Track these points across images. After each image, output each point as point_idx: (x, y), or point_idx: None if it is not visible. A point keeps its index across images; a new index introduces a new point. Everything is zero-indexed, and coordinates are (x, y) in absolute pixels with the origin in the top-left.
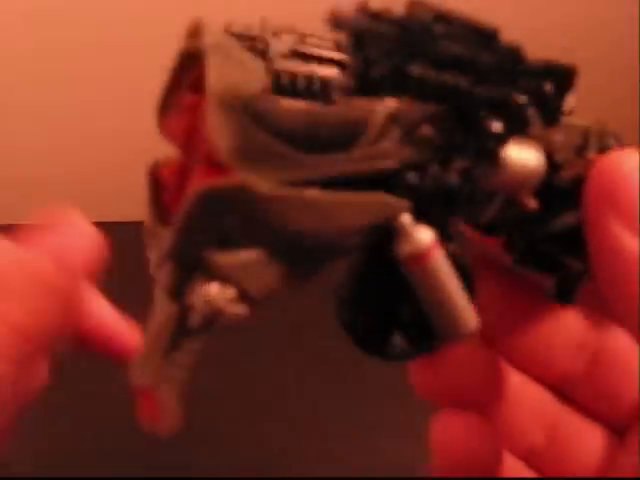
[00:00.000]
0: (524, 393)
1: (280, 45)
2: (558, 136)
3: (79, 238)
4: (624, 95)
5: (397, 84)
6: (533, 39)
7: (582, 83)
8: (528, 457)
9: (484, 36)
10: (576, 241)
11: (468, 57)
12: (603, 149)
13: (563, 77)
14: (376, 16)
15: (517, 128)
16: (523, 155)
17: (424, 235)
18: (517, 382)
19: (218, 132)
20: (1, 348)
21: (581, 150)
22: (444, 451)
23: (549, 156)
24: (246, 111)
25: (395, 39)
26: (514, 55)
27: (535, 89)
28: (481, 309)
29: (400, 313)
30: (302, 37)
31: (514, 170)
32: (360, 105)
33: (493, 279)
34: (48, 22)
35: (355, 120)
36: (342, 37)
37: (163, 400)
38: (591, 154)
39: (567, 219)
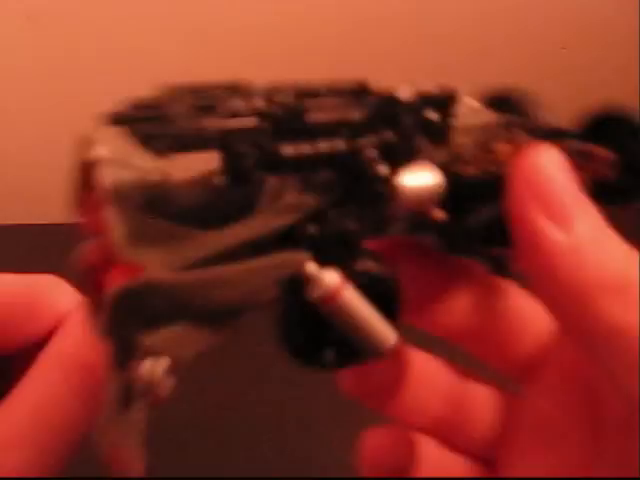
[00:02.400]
0: (426, 370)
1: (180, 106)
2: (461, 139)
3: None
4: (624, 95)
5: (272, 169)
6: (533, 39)
7: (582, 83)
8: (434, 429)
9: (353, 94)
10: (497, 231)
11: (338, 120)
12: (510, 140)
13: (443, 103)
14: (237, 114)
15: (405, 161)
16: (418, 179)
17: (329, 278)
18: (420, 360)
19: (112, 230)
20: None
21: (485, 145)
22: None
23: (459, 157)
24: (140, 205)
25: (260, 127)
26: (387, 101)
27: (419, 122)
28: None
29: (329, 333)
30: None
31: (412, 195)
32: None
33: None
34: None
35: (245, 194)
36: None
37: (127, 453)
38: (496, 146)
39: (483, 213)
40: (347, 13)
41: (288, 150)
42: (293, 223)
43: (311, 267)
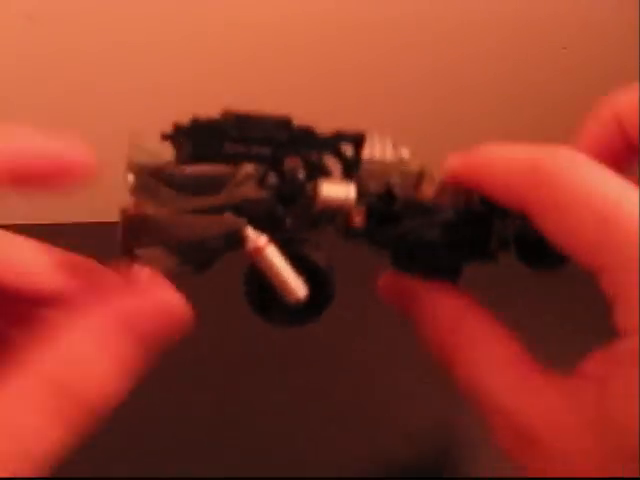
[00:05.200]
0: None
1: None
2: (395, 178)
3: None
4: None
5: (222, 159)
6: (533, 39)
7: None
8: None
9: (280, 122)
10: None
11: (267, 135)
12: (434, 185)
13: (354, 140)
14: (201, 124)
15: (320, 173)
16: (333, 190)
17: (259, 237)
18: None
19: (132, 178)
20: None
21: (417, 187)
22: None
23: (388, 192)
24: (154, 175)
25: (215, 133)
26: (306, 131)
27: (334, 150)
28: None
29: (271, 292)
30: None
31: (327, 200)
32: (228, 169)
33: None
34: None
35: (225, 174)
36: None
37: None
38: (425, 188)
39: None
40: (345, 16)
41: (230, 148)
42: (245, 200)
43: (249, 230)
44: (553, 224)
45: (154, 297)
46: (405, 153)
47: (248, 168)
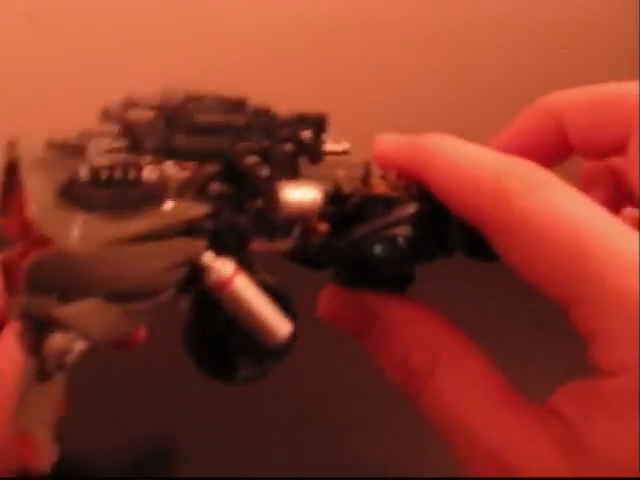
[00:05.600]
0: None
1: (94, 146)
2: (341, 172)
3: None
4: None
5: (167, 154)
6: (534, 39)
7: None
8: None
9: (233, 104)
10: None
11: (222, 122)
12: (384, 177)
13: (316, 123)
14: (137, 105)
15: (284, 170)
16: (298, 193)
17: (224, 265)
18: None
19: (35, 206)
20: None
21: (365, 180)
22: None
23: (337, 190)
24: (62, 193)
25: (157, 119)
26: (264, 114)
27: (294, 137)
28: None
29: (234, 340)
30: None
31: (293, 205)
32: (158, 176)
33: None
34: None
35: (155, 187)
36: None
37: (37, 439)
38: (374, 181)
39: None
40: (344, 16)
41: (180, 140)
42: (194, 218)
43: (208, 256)
44: (515, 251)
45: None
46: (346, 145)
47: (177, 174)
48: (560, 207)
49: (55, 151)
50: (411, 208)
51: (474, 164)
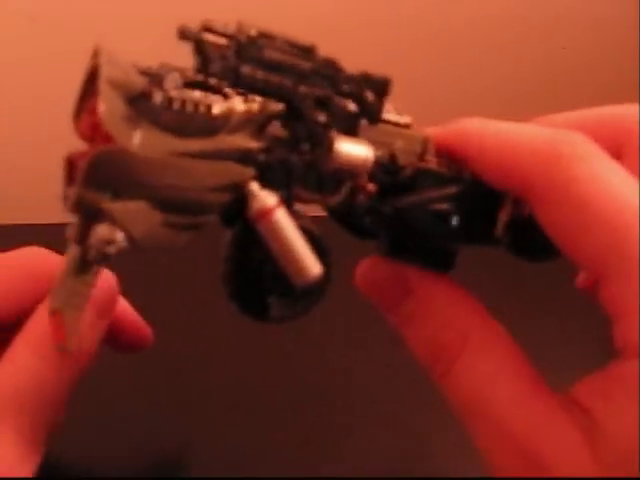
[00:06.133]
0: None
1: (172, 79)
2: (399, 143)
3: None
4: (624, 95)
5: (231, 82)
6: (534, 39)
7: (582, 83)
8: None
9: (303, 49)
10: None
11: (289, 63)
12: (439, 156)
13: (380, 86)
14: (213, 30)
15: (341, 121)
16: (352, 147)
17: (269, 196)
18: None
19: (105, 106)
20: None
21: (422, 155)
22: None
23: (392, 159)
24: (132, 104)
25: (228, 47)
26: (331, 64)
27: (356, 94)
28: None
29: (268, 277)
30: (185, 72)
31: (345, 157)
32: (223, 104)
33: None
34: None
35: (218, 119)
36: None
37: (67, 321)
38: (429, 158)
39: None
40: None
41: (246, 70)
42: (247, 149)
43: (254, 185)
44: (558, 219)
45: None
46: (408, 119)
47: (242, 107)
48: (604, 179)
49: (136, 72)
50: (459, 187)
51: (530, 131)
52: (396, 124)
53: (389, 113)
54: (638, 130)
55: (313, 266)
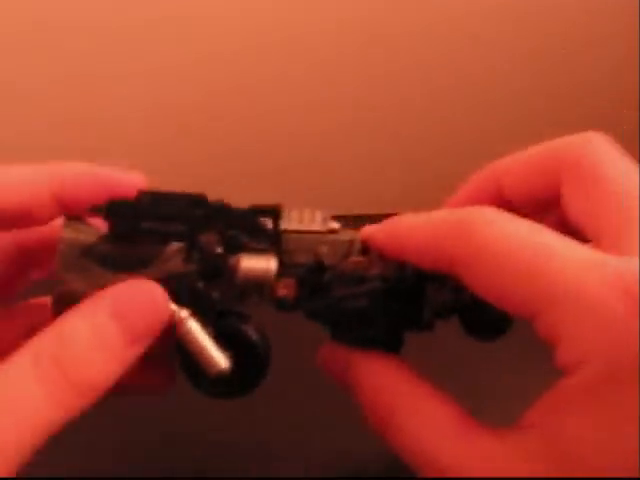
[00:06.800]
0: None
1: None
2: (323, 248)
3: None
4: (624, 95)
5: (140, 237)
6: (534, 39)
7: (582, 83)
8: None
9: (195, 199)
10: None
11: (182, 212)
12: (365, 253)
13: (271, 213)
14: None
15: (237, 248)
16: (252, 263)
17: (181, 311)
18: None
19: (59, 262)
20: None
21: (346, 256)
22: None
23: (317, 263)
24: (85, 253)
25: (137, 213)
26: (222, 206)
27: (253, 226)
28: None
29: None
30: None
31: (247, 272)
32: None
33: None
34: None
35: (154, 251)
36: None
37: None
38: (354, 258)
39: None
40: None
41: (146, 225)
42: (168, 276)
43: (172, 305)
44: (482, 279)
45: (141, 285)
46: (334, 224)
47: (175, 245)
48: (515, 233)
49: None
50: (375, 285)
51: (437, 216)
52: (321, 232)
53: (315, 223)
54: (570, 156)
55: (218, 361)
